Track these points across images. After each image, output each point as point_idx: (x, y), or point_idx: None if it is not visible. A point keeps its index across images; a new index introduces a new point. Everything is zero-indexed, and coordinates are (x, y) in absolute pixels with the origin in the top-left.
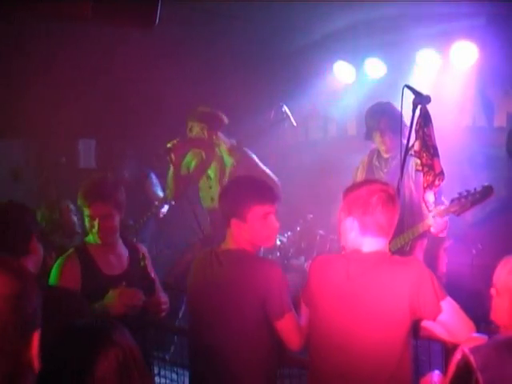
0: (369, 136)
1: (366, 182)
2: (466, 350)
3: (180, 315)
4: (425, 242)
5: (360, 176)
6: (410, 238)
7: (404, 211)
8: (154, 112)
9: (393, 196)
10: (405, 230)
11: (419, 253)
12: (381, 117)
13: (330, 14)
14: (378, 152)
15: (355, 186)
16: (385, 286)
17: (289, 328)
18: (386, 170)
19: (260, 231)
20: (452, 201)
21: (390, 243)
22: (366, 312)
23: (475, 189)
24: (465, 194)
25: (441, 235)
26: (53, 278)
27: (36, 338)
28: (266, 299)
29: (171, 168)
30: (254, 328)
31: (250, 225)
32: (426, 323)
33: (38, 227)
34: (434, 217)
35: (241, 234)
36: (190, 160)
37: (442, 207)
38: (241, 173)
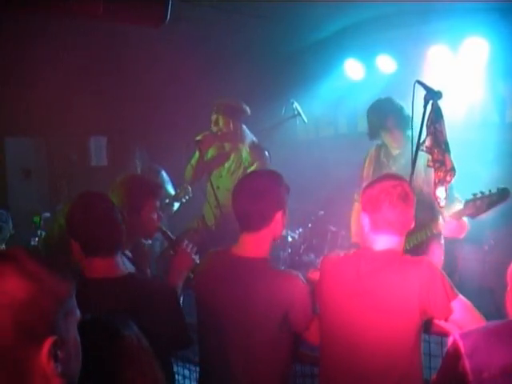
0: (374, 135)
1: (381, 177)
2: (457, 336)
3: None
4: (442, 242)
5: (367, 168)
6: (423, 237)
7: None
8: (165, 110)
9: (405, 193)
10: (417, 228)
11: (436, 252)
12: (387, 115)
13: (341, 11)
14: (386, 147)
15: (371, 183)
16: (394, 286)
17: (314, 331)
18: (394, 168)
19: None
20: (467, 202)
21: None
22: (376, 311)
23: (490, 190)
24: (479, 195)
25: (457, 237)
26: None
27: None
28: (290, 313)
29: (197, 154)
30: (275, 338)
31: (285, 214)
32: (437, 321)
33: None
34: (448, 219)
35: (279, 228)
36: (211, 150)
37: (457, 209)
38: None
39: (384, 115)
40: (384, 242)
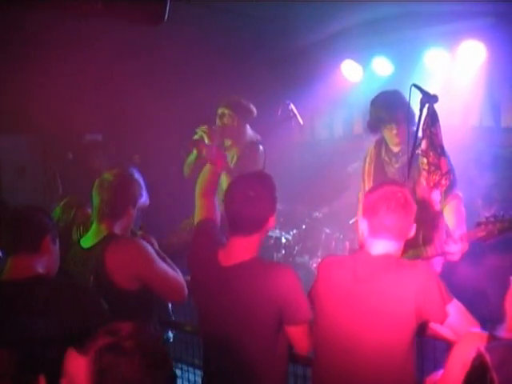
0: (375, 129)
1: (383, 184)
2: (482, 349)
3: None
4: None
5: (368, 168)
6: (418, 255)
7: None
8: (163, 110)
9: (405, 199)
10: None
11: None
12: (398, 108)
13: (338, 13)
14: (386, 144)
15: (372, 189)
16: (391, 289)
17: (301, 335)
18: (397, 166)
19: None
20: (478, 225)
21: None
22: (371, 314)
23: (503, 215)
24: (492, 219)
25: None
26: None
27: None
28: (283, 306)
29: (195, 153)
30: (274, 333)
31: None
32: (432, 324)
33: (54, 229)
34: (454, 242)
35: (269, 229)
36: None
37: (467, 231)
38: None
39: (395, 108)
40: (381, 246)
